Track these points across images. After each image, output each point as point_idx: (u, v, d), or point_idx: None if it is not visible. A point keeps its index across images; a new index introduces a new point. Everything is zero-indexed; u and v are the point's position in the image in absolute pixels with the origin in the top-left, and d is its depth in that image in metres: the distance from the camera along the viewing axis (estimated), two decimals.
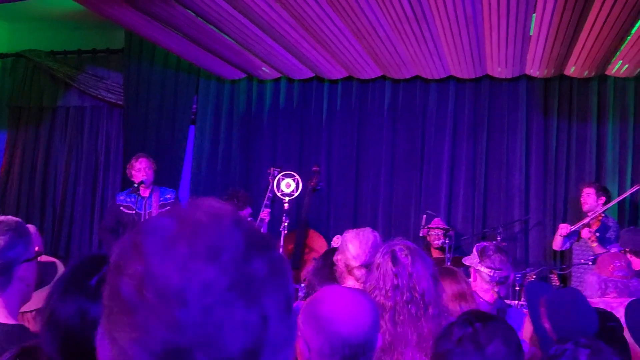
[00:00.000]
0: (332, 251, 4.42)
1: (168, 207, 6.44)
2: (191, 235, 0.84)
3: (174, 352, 0.80)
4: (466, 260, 4.32)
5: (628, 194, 7.18)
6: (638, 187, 7.12)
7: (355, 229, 3.80)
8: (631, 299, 3.81)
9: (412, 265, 2.90)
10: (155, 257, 0.83)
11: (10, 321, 2.35)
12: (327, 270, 4.13)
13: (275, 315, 0.85)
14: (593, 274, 4.62)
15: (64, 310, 1.63)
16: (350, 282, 3.60)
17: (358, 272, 3.66)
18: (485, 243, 4.38)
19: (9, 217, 2.46)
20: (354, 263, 3.58)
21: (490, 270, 4.05)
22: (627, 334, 3.09)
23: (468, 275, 4.55)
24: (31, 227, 2.54)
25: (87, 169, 9.26)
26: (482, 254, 4.15)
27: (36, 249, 2.54)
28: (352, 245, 3.63)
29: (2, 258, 2.31)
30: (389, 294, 2.88)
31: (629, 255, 5.95)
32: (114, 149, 9.24)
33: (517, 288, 6.13)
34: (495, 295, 4.11)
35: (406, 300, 2.86)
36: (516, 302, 5.91)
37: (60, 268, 5.06)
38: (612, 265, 4.50)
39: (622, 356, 2.60)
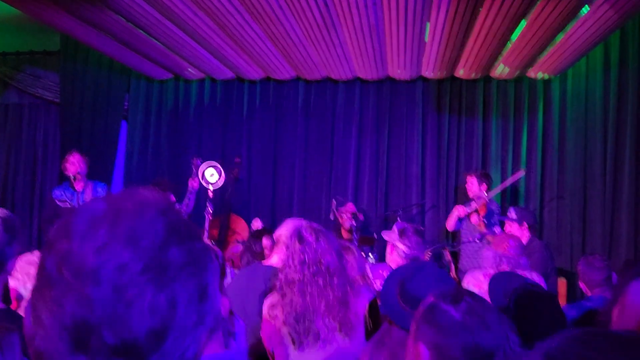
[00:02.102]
0: (260, 233, 4.85)
1: None
2: (113, 219, 0.87)
3: (83, 326, 0.82)
4: (385, 234, 4.46)
5: (512, 181, 7.60)
6: (521, 174, 7.62)
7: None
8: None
9: (317, 242, 3.09)
10: (77, 237, 0.85)
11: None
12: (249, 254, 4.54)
13: (185, 301, 0.86)
14: (489, 249, 4.81)
15: None
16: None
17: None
18: (406, 224, 4.53)
19: (4, 210, 2.47)
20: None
21: (407, 248, 4.22)
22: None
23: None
24: None
25: (26, 163, 9.31)
26: (402, 233, 4.31)
27: None
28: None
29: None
30: (297, 269, 3.06)
31: (526, 228, 6.48)
32: (51, 144, 9.28)
33: None
34: None
35: (313, 273, 3.03)
36: None
37: None
38: (506, 243, 4.81)
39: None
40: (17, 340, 1.73)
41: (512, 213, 6.74)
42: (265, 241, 4.08)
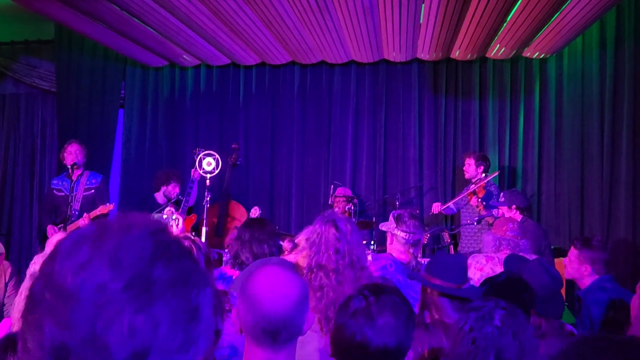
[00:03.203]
0: (252, 222, 4.76)
1: (92, 191, 6.95)
2: (97, 237, 0.85)
3: (62, 349, 0.80)
4: (383, 226, 4.42)
5: (490, 178, 7.46)
6: (497, 173, 7.66)
7: None
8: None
9: (351, 234, 3.11)
10: (60, 257, 0.85)
11: None
12: (254, 243, 4.43)
13: (168, 322, 0.83)
14: (489, 233, 4.96)
15: None
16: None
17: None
18: (400, 211, 4.49)
19: None
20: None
21: (405, 234, 4.18)
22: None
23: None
24: None
25: (24, 152, 9.30)
26: (398, 220, 4.28)
27: None
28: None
29: None
30: (332, 257, 3.05)
31: (515, 210, 6.51)
32: (49, 133, 9.27)
33: None
34: (410, 256, 4.24)
35: (347, 264, 3.05)
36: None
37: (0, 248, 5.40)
38: (505, 227, 4.94)
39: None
40: None
41: (501, 197, 6.80)
42: (286, 244, 4.09)
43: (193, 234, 5.31)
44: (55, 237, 4.28)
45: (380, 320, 1.99)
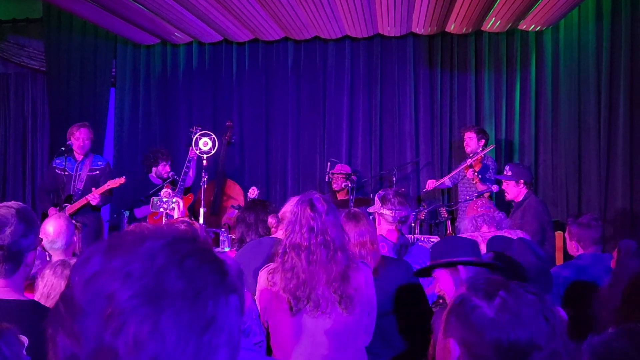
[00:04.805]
0: (254, 204, 4.77)
1: (97, 172, 6.90)
2: (107, 251, 0.86)
3: None
4: (370, 210, 4.49)
5: (486, 151, 7.40)
6: (492, 147, 7.61)
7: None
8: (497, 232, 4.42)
9: (326, 214, 3.06)
10: (73, 271, 0.86)
11: (23, 297, 2.42)
12: (259, 225, 4.48)
13: (177, 332, 0.82)
14: (464, 218, 5.18)
15: None
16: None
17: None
18: (384, 190, 4.54)
19: (19, 203, 2.45)
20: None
21: (391, 211, 4.23)
22: None
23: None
24: None
25: (15, 133, 9.20)
26: (383, 200, 4.33)
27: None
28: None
29: (16, 246, 2.33)
30: (305, 235, 3.02)
31: (522, 185, 6.51)
32: (40, 113, 9.16)
33: (413, 224, 6.22)
34: (398, 233, 4.29)
35: (319, 242, 3.00)
36: (412, 236, 5.94)
37: None
38: (475, 205, 5.08)
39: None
40: (15, 337, 1.72)
41: (507, 171, 6.72)
42: (271, 219, 4.08)
43: (192, 218, 5.27)
44: (52, 219, 4.22)
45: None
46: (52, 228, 3.98)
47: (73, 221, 4.44)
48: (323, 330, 2.99)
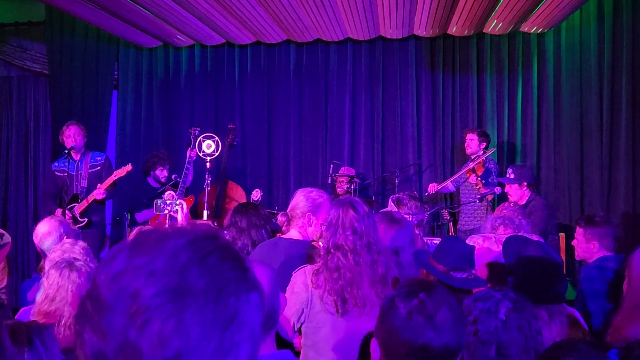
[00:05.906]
0: (246, 209, 4.65)
1: (98, 168, 6.92)
2: (132, 249, 0.87)
3: (100, 357, 0.83)
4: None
5: (487, 154, 7.38)
6: (493, 150, 7.60)
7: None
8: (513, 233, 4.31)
9: (368, 218, 3.12)
10: (99, 269, 0.88)
11: None
12: (252, 229, 4.41)
13: (200, 329, 0.83)
14: (490, 216, 5.01)
15: None
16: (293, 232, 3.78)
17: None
18: (398, 194, 4.52)
19: None
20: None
21: (408, 216, 4.15)
22: None
23: None
24: None
25: (18, 136, 9.18)
26: (399, 203, 4.32)
27: None
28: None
29: None
30: (350, 237, 3.06)
31: (525, 187, 6.53)
32: (42, 116, 9.16)
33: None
34: (417, 238, 4.18)
35: (364, 244, 3.06)
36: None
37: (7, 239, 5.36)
38: (502, 206, 5.07)
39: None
40: (53, 337, 1.80)
41: (510, 174, 6.75)
42: (281, 217, 4.12)
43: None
44: (44, 220, 4.40)
45: (439, 318, 1.76)
46: (41, 229, 4.19)
47: (74, 227, 4.50)
48: (367, 332, 2.97)
